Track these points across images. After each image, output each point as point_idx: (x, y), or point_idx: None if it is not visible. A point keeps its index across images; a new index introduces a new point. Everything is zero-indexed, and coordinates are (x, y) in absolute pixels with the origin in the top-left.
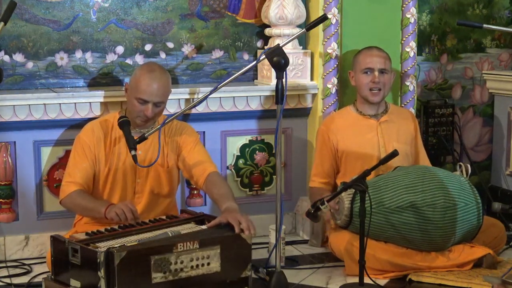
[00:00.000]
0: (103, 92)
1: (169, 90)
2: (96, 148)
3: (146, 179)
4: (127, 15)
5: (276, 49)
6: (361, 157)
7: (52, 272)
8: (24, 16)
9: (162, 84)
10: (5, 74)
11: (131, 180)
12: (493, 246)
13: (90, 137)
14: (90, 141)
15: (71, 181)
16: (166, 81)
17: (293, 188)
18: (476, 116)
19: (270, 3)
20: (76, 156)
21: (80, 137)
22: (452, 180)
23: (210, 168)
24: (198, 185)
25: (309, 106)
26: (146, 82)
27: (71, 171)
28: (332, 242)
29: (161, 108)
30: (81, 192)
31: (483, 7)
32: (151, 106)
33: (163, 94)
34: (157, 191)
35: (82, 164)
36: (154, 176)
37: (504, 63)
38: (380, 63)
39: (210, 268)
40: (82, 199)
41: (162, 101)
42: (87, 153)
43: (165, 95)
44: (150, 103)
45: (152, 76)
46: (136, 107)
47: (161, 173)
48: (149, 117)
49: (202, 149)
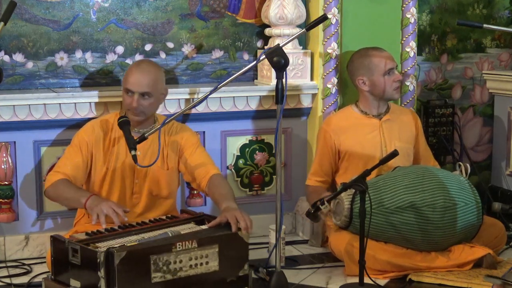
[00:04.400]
0: (103, 92)
1: (158, 83)
2: (94, 147)
3: (145, 180)
4: (127, 15)
5: (276, 49)
6: (363, 157)
7: (52, 272)
8: (24, 16)
9: (148, 75)
10: (5, 74)
11: (129, 181)
12: (493, 246)
13: (90, 135)
14: (89, 139)
15: (58, 171)
16: (154, 73)
17: (293, 188)
18: (476, 116)
19: (270, 3)
20: (71, 150)
21: (79, 133)
22: (451, 180)
23: (212, 170)
24: (200, 188)
25: (309, 106)
26: (132, 73)
27: (61, 163)
28: (332, 242)
29: (150, 101)
30: (65, 181)
31: (483, 7)
32: (136, 96)
33: (148, 85)
34: (156, 193)
35: (75, 159)
36: (153, 177)
37: (504, 63)
38: (394, 60)
39: (208, 267)
40: (64, 187)
41: (149, 91)
42: (83, 149)
43: (152, 87)
44: (136, 93)
45: (139, 68)
46: (125, 100)
47: (160, 174)
48: (135, 107)
49: (203, 151)
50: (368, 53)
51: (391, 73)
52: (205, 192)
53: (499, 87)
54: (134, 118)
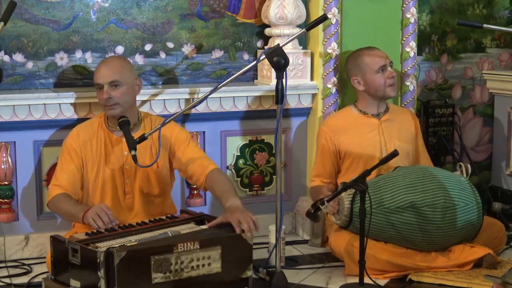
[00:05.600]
0: None
1: (125, 71)
2: (83, 152)
3: (135, 179)
4: (127, 15)
5: (276, 49)
6: (363, 157)
7: (52, 272)
8: (24, 16)
9: (113, 65)
10: (5, 74)
11: (120, 181)
12: (493, 246)
13: (76, 141)
14: (76, 145)
15: (56, 184)
16: (119, 63)
17: (293, 188)
18: (476, 116)
19: (270, 3)
20: (63, 160)
21: (66, 141)
22: (452, 180)
23: (209, 166)
24: (198, 184)
25: (309, 106)
26: (98, 68)
27: (58, 175)
28: (332, 242)
29: (121, 90)
30: (64, 196)
31: (483, 7)
32: (106, 87)
33: (114, 73)
34: (147, 191)
35: (69, 167)
36: (142, 176)
37: (504, 63)
38: (387, 57)
39: (211, 268)
40: (64, 203)
41: (116, 79)
42: (73, 156)
43: (119, 74)
44: (105, 85)
45: (104, 62)
46: (99, 98)
47: (150, 173)
48: (106, 98)
49: (196, 146)
50: (360, 53)
51: (384, 70)
52: (205, 188)
53: (499, 87)
54: (111, 112)
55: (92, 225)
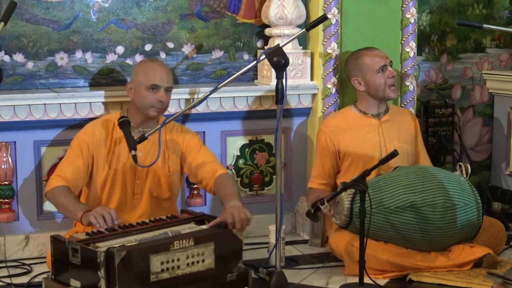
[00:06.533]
0: (103, 92)
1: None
2: (95, 150)
3: (145, 180)
4: (127, 15)
5: (276, 49)
6: (362, 157)
7: (52, 272)
8: (24, 16)
9: (168, 70)
10: (5, 74)
11: (130, 181)
12: (493, 246)
13: (91, 138)
14: (90, 142)
15: (59, 175)
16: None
17: (293, 188)
18: (476, 116)
19: (270, 3)
20: (71, 153)
21: (79, 136)
22: (451, 180)
23: (218, 170)
24: (208, 189)
25: (309, 106)
26: (154, 69)
27: (62, 166)
28: (332, 242)
29: (170, 95)
30: (65, 189)
31: (483, 7)
32: (163, 90)
33: (170, 79)
34: (156, 194)
35: (76, 162)
36: (153, 178)
37: (504, 63)
38: (387, 57)
39: (205, 264)
40: (64, 197)
41: (171, 86)
42: (84, 152)
43: (172, 82)
44: (162, 87)
45: (157, 63)
46: (148, 98)
47: (161, 176)
48: (164, 101)
49: (207, 151)
50: (360, 54)
51: (384, 70)
52: (214, 193)
53: (499, 87)
54: (156, 114)
55: (93, 222)
